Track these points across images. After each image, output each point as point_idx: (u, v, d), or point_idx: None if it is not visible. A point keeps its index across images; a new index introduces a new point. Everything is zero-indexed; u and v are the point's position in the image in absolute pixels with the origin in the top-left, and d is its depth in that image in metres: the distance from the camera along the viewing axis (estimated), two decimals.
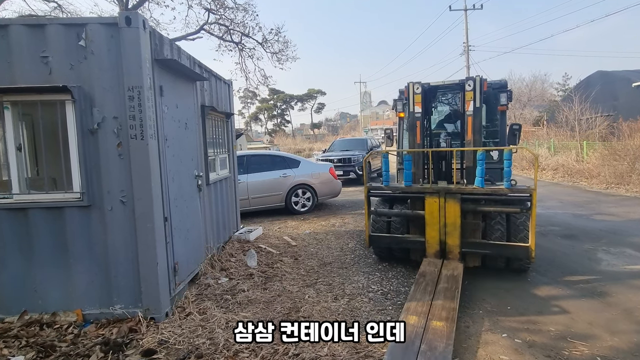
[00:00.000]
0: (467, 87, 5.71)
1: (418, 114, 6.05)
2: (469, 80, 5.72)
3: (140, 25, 4.14)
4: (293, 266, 6.48)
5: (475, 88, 5.68)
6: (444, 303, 4.43)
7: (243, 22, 19.99)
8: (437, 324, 4.00)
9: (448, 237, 5.64)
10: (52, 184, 4.60)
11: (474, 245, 5.65)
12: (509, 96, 6.71)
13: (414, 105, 6.04)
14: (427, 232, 5.76)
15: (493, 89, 6.89)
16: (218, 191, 6.94)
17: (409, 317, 4.14)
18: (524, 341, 4.03)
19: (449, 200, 5.59)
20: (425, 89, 6.12)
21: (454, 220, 5.58)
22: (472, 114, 5.72)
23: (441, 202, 5.63)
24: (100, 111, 4.24)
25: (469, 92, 5.71)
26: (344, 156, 17.40)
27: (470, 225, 5.77)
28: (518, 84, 40.52)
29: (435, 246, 5.73)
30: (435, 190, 5.69)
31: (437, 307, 4.36)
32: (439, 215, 5.67)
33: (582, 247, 7.10)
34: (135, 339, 4.01)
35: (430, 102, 6.89)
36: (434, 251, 5.74)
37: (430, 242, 5.76)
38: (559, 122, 22.54)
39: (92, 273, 4.39)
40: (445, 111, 7.13)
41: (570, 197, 12.22)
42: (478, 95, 5.69)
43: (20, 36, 4.12)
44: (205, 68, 6.34)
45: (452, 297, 4.56)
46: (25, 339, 3.95)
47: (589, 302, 4.94)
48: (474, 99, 5.69)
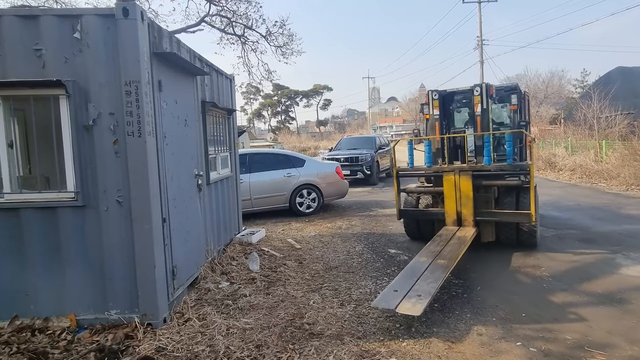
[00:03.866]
0: (475, 92, 7.28)
1: (436, 115, 7.71)
2: (477, 86, 7.31)
3: (138, 17, 4.11)
4: (297, 270, 6.45)
5: (482, 93, 7.22)
6: (451, 250, 6.04)
7: (246, 13, 19.86)
8: (440, 261, 5.61)
9: (463, 208, 7.17)
10: (45, 183, 4.59)
11: (486, 214, 7.13)
12: (522, 96, 8.11)
13: (433, 109, 7.72)
14: (446, 204, 7.34)
15: (505, 91, 8.17)
16: (219, 191, 6.91)
17: (420, 258, 5.81)
18: (539, 350, 3.98)
19: (463, 176, 7.11)
20: (441, 95, 7.82)
21: (467, 194, 7.10)
22: (480, 114, 7.29)
23: (456, 178, 7.17)
24: (95, 107, 4.22)
25: (477, 97, 7.26)
26: (351, 155, 17.30)
27: (482, 197, 7.30)
28: (534, 80, 40.38)
29: (453, 216, 7.26)
30: (451, 169, 7.25)
31: (445, 252, 5.94)
32: (454, 189, 7.18)
33: (601, 252, 7.02)
34: (132, 346, 3.98)
35: (448, 106, 8.52)
36: (452, 220, 7.28)
37: (449, 212, 7.31)
38: (577, 120, 22.40)
39: (87, 276, 4.37)
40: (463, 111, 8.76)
41: (589, 199, 12.10)
42: (485, 98, 7.22)
43: (12, 27, 4.09)
44: (206, 62, 6.31)
45: (457, 248, 6.13)
46: (16, 345, 3.92)
47: (608, 309, 4.87)
48: (481, 102, 7.25)
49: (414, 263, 5.66)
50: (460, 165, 7.32)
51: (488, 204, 7.28)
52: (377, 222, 10.01)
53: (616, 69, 25.01)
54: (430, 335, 4.30)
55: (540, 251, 7.16)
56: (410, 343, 4.11)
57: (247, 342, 4.03)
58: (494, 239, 7.31)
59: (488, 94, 7.27)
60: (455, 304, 5.11)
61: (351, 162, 17.05)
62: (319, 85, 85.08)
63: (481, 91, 7.21)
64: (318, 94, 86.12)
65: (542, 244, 7.53)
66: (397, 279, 5.17)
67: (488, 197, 7.29)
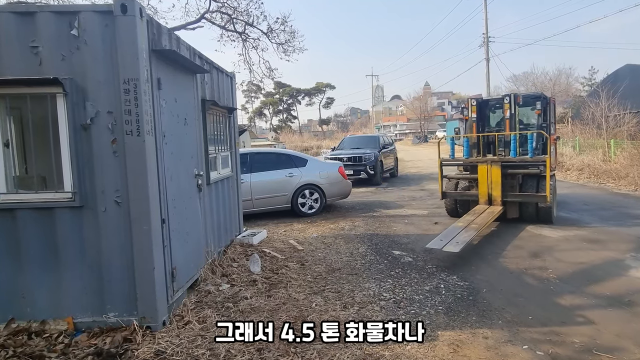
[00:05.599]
0: (505, 100, 9.60)
1: (474, 118, 10.11)
2: (506, 96, 9.71)
3: (137, 14, 4.09)
4: (299, 272, 6.43)
5: (511, 101, 9.50)
6: (482, 219, 8.31)
7: (247, 10, 19.86)
8: (473, 225, 7.85)
9: (493, 191, 9.22)
10: (42, 183, 4.57)
11: (511, 196, 9.18)
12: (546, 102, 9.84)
13: (472, 113, 10.06)
14: (479, 188, 9.47)
15: (531, 98, 10.09)
16: (219, 191, 6.90)
17: (457, 223, 8.11)
18: (546, 354, 3.97)
19: (494, 166, 9.16)
20: (478, 102, 10.49)
21: (497, 180, 9.15)
22: (509, 117, 9.57)
23: (488, 167, 9.24)
24: (93, 105, 4.20)
25: (506, 104, 9.55)
26: (355, 155, 17.24)
27: (509, 183, 9.35)
28: (541, 78, 40.38)
29: (485, 197, 9.36)
30: (484, 160, 9.40)
31: (477, 220, 8.20)
32: (486, 176, 9.26)
33: (609, 253, 6.99)
34: (130, 350, 3.96)
35: (483, 110, 10.82)
36: (483, 200, 9.38)
37: (481, 194, 9.43)
38: (585, 119, 22.33)
39: (84, 278, 4.35)
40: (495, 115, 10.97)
41: (597, 200, 12.07)
42: (513, 105, 9.49)
43: (8, 24, 4.08)
44: (206, 59, 6.31)
45: (487, 217, 8.41)
46: (12, 348, 3.91)
47: (616, 312, 4.86)
48: (510, 108, 9.51)
49: (452, 227, 7.80)
50: (492, 157, 9.41)
51: (513, 187, 9.32)
52: (381, 223, 9.99)
53: (625, 66, 24.95)
54: (435, 339, 4.28)
55: (547, 253, 7.14)
56: (414, 346, 4.09)
57: (248, 346, 4.01)
58: (517, 216, 9.38)
59: (516, 102, 9.50)
60: (461, 307, 5.09)
61: (354, 161, 16.99)
62: (322, 83, 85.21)
63: (510, 100, 9.49)
64: (320, 92, 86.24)
65: (549, 246, 7.52)
66: (442, 233, 7.38)
67: (513, 182, 9.35)
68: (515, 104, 9.49)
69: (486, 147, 10.18)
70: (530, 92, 12.12)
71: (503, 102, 9.70)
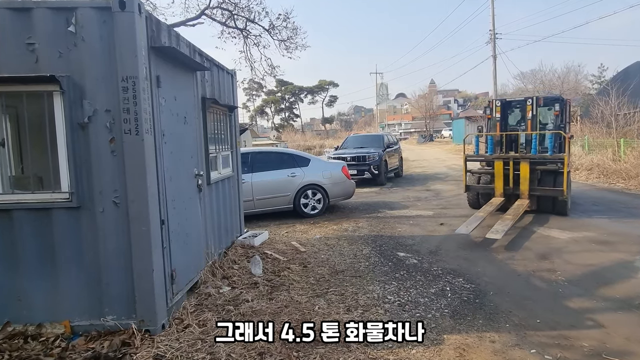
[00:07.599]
0: (528, 102, 10.39)
1: (497, 117, 10.90)
2: (529, 98, 10.49)
3: (136, 10, 4.08)
4: (302, 274, 6.42)
5: (533, 103, 10.28)
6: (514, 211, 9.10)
7: (248, 6, 19.88)
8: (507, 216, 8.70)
9: (521, 185, 10.06)
10: (39, 183, 4.57)
11: (533, 190, 10.03)
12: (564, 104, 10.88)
13: (495, 113, 10.91)
14: (495, 182, 10.42)
15: (551, 100, 10.99)
16: (220, 192, 6.89)
17: (478, 213, 9.13)
18: (554, 358, 3.96)
19: (523, 162, 10.00)
20: (502, 103, 11.31)
21: (525, 175, 9.98)
22: (530, 118, 10.33)
23: (510, 164, 10.20)
24: (91, 103, 4.19)
25: (528, 106, 10.34)
26: (358, 154, 17.20)
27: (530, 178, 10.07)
28: (549, 75, 40.32)
29: (500, 190, 10.32)
30: (506, 157, 10.35)
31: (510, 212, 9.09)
32: (502, 171, 10.25)
33: (619, 255, 6.97)
34: (129, 354, 3.95)
35: (506, 110, 11.64)
36: (499, 193, 10.35)
37: (497, 187, 10.38)
38: (594, 117, 22.30)
39: (82, 281, 4.34)
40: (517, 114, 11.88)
41: (606, 200, 12.04)
42: (534, 107, 10.29)
43: (3, 20, 4.06)
44: (207, 57, 6.30)
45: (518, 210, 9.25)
46: (8, 352, 3.91)
47: (626, 315, 4.84)
48: (531, 110, 10.28)
49: (474, 216, 8.89)
50: (514, 155, 10.40)
51: (533, 182, 10.11)
52: (386, 224, 9.97)
53: (635, 63, 24.90)
54: (440, 343, 4.26)
55: (555, 254, 7.11)
56: (419, 350, 4.07)
57: (250, 349, 3.99)
58: (535, 208, 10.38)
59: (537, 103, 10.37)
60: (467, 310, 5.07)
61: (358, 161, 16.96)
62: (325, 81, 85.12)
63: (532, 102, 10.33)
64: (323, 90, 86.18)
65: (558, 248, 7.49)
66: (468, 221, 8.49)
67: (533, 177, 10.12)
68: (536, 106, 10.35)
69: (508, 144, 10.98)
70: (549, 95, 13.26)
71: (525, 104, 10.54)
